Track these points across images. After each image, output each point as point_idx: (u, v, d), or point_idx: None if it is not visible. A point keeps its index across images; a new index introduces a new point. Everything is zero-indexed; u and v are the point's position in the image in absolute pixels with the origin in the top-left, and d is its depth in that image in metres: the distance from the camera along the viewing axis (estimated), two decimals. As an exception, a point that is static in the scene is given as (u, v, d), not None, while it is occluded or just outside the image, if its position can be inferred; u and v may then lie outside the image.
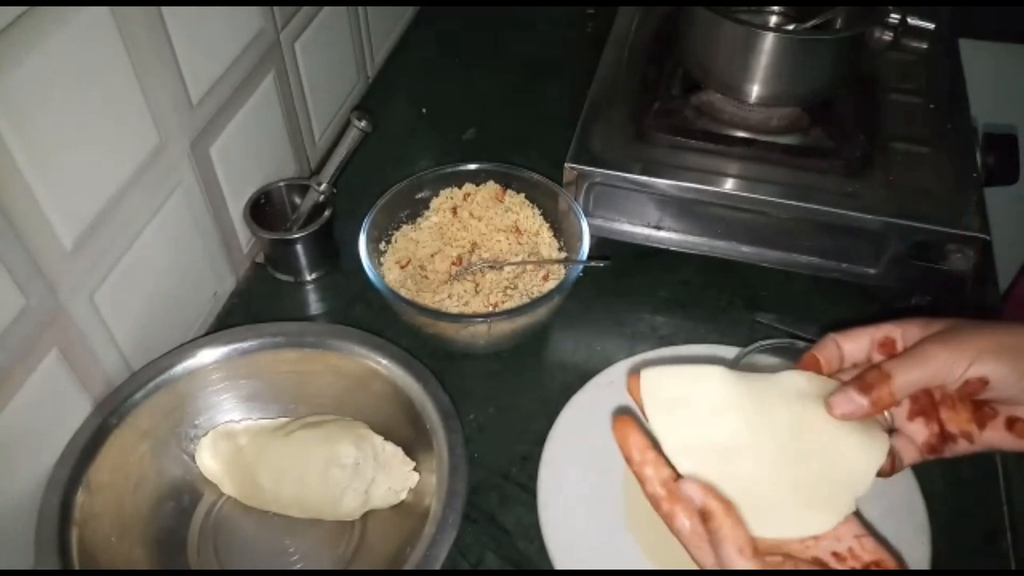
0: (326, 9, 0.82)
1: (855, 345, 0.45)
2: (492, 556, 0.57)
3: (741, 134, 0.72)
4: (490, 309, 0.66)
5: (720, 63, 0.70)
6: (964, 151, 0.71)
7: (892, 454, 0.42)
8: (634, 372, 0.42)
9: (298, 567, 0.57)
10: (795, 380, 0.43)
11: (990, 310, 0.72)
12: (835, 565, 0.37)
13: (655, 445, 0.40)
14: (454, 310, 0.66)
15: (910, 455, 0.44)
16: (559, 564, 0.55)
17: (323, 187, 0.73)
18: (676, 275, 0.75)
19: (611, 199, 0.72)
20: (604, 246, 0.72)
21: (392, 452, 0.58)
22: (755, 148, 0.71)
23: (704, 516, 0.37)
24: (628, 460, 0.40)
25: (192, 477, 0.59)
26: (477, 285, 0.69)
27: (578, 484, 0.59)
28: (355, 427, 0.59)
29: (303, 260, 0.74)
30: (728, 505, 0.37)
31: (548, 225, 0.73)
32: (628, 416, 0.40)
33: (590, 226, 0.68)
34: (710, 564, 0.38)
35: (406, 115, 0.94)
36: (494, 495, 0.60)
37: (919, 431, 0.43)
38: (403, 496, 0.58)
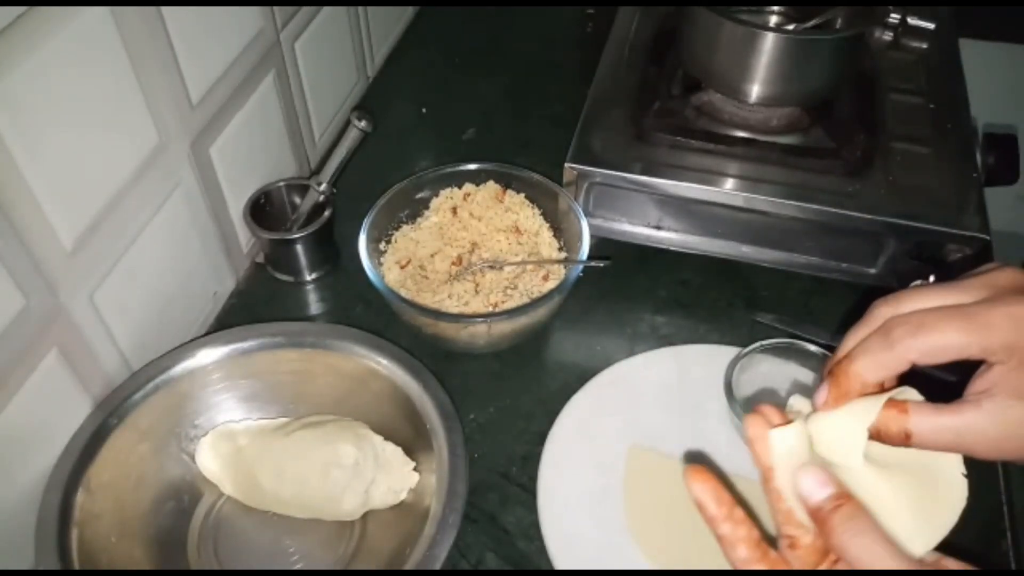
0: (326, 9, 0.82)
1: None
2: (492, 556, 0.57)
3: (741, 134, 0.72)
4: (490, 309, 0.66)
5: (720, 63, 0.70)
6: (964, 151, 0.71)
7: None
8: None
9: (298, 567, 0.57)
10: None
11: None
12: None
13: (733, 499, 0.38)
14: (454, 310, 0.66)
15: None
16: (559, 564, 0.55)
17: (323, 187, 0.73)
18: (676, 275, 0.75)
19: (611, 199, 0.72)
20: (604, 246, 0.72)
21: (392, 452, 0.58)
22: (755, 148, 0.71)
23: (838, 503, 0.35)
24: (707, 515, 0.37)
25: (192, 477, 0.59)
26: (477, 285, 0.69)
27: (578, 484, 0.59)
28: (355, 427, 0.59)
29: (303, 260, 0.74)
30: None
31: (548, 225, 0.73)
32: (700, 466, 0.38)
33: (590, 226, 0.68)
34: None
35: (406, 115, 0.94)
36: (494, 495, 0.60)
37: None
38: (403, 496, 0.58)
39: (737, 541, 0.37)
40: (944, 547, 0.39)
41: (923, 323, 0.36)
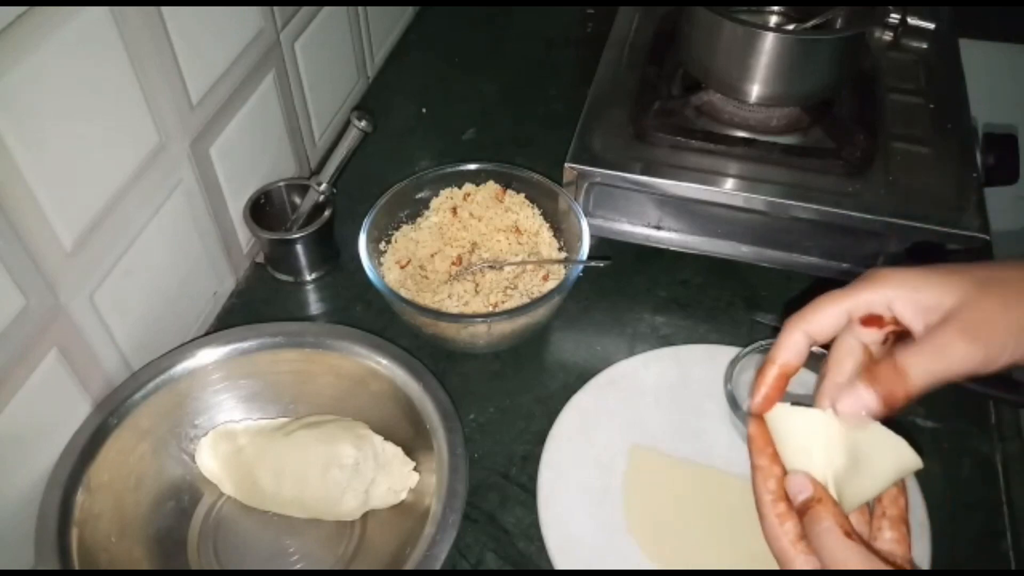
0: (326, 9, 0.82)
1: (825, 323, 0.42)
2: (492, 556, 0.57)
3: (741, 134, 0.72)
4: (490, 309, 0.66)
5: (720, 63, 0.70)
6: (964, 151, 0.71)
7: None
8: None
9: (298, 567, 0.57)
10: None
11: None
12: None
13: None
14: (454, 310, 0.66)
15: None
16: (559, 564, 0.55)
17: (323, 187, 0.73)
18: (676, 275, 0.75)
19: (611, 199, 0.72)
20: (604, 246, 0.73)
21: (392, 452, 0.58)
22: (755, 148, 0.71)
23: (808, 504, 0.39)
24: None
25: (192, 477, 0.59)
26: (477, 285, 0.69)
27: (578, 484, 0.59)
28: (355, 427, 0.59)
29: (303, 260, 0.74)
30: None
31: (548, 225, 0.73)
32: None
33: (590, 226, 0.68)
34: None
35: (406, 115, 0.94)
36: (494, 495, 0.60)
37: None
38: (403, 496, 0.58)
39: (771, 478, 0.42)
40: (945, 545, 0.40)
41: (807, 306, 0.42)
